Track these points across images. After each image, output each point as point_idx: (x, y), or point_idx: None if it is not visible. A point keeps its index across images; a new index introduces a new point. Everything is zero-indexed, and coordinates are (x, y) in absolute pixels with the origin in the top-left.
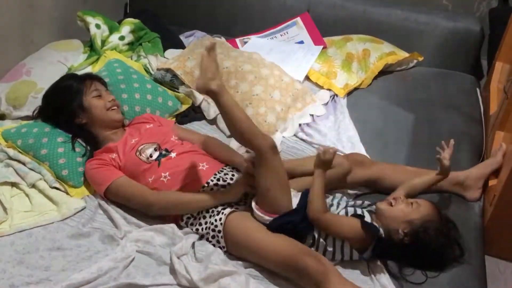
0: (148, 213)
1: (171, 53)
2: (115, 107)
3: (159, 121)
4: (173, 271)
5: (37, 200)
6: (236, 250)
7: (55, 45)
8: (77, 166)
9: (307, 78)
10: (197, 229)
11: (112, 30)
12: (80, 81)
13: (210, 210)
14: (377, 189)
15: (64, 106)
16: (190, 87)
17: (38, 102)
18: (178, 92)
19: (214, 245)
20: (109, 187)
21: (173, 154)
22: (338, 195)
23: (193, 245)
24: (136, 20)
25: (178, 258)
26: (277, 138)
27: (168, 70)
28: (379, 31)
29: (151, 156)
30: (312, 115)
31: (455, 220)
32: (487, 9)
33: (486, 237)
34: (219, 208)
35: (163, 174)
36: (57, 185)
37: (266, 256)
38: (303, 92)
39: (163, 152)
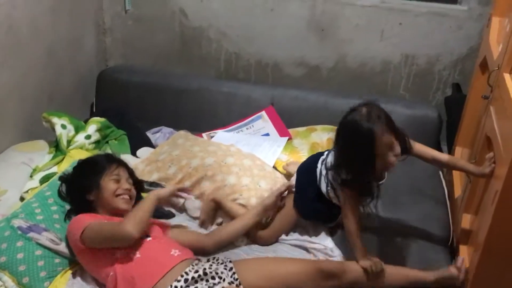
0: None
1: (143, 152)
2: (125, 196)
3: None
4: None
5: None
6: None
7: (19, 147)
8: (38, 271)
9: (275, 169)
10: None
11: (78, 130)
12: (109, 162)
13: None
14: None
15: (84, 178)
16: None
17: (1, 204)
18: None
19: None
20: (88, 227)
21: (148, 238)
22: None
23: None
24: (102, 119)
25: None
26: None
27: (152, 184)
28: None
29: None
30: None
31: None
32: (442, 97)
33: None
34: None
35: (134, 251)
36: None
37: (294, 281)
38: (283, 180)
39: (143, 236)
